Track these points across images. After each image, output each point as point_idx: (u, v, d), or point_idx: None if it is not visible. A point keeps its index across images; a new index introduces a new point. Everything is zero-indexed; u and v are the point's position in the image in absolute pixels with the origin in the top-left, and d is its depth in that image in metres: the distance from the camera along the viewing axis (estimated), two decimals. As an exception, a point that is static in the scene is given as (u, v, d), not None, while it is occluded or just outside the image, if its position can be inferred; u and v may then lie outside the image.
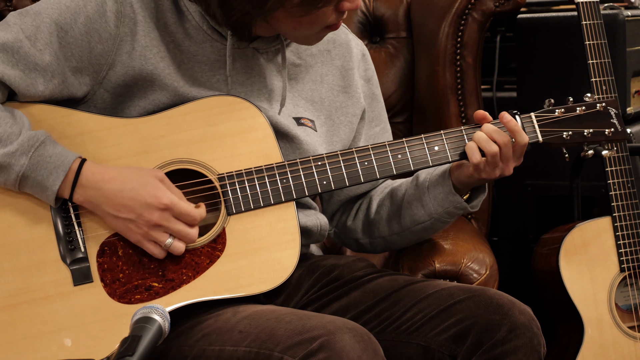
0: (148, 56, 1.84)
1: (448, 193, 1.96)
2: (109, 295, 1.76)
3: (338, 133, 2.02)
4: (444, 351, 1.81)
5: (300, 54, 2.00)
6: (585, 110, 1.96)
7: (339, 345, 1.62)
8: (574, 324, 2.45)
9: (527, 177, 2.85)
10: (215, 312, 1.78)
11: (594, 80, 2.43)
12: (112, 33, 1.82)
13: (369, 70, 2.10)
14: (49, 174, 1.74)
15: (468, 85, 2.56)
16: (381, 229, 2.08)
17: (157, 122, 1.83)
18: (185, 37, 1.87)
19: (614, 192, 2.44)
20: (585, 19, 2.45)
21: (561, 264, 2.43)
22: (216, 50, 1.88)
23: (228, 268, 1.79)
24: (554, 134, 1.95)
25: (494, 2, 2.53)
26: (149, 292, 1.77)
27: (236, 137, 1.84)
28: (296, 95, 1.98)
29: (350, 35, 2.08)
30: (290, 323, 1.68)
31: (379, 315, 1.88)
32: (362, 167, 1.89)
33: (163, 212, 1.75)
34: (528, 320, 1.79)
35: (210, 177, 1.82)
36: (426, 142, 1.91)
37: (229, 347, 1.71)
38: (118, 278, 1.77)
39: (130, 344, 1.49)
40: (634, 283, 2.47)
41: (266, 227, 1.82)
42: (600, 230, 2.46)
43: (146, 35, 1.84)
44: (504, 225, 2.94)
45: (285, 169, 1.84)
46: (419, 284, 1.90)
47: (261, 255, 1.81)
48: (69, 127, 1.81)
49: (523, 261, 2.76)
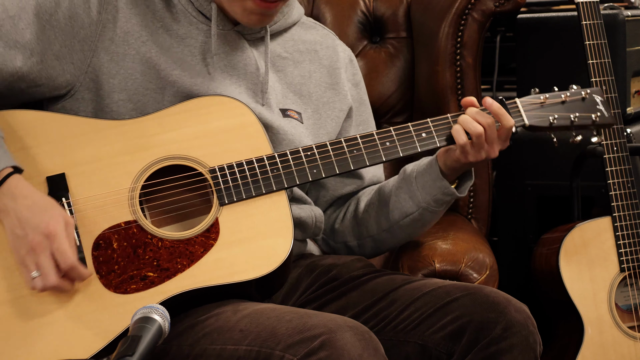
0: (130, 41, 1.88)
1: (436, 179, 1.98)
2: (104, 286, 1.77)
3: (325, 126, 2.05)
4: (440, 349, 1.81)
5: (287, 48, 2.04)
6: (569, 97, 1.99)
7: (340, 344, 1.62)
8: (573, 324, 2.45)
9: (527, 177, 2.85)
10: (215, 311, 1.79)
11: (594, 80, 2.44)
12: (94, 19, 1.86)
13: (357, 75, 2.15)
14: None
15: (468, 85, 2.56)
16: (370, 228, 2.09)
17: (148, 122, 1.85)
18: (173, 22, 1.91)
19: (614, 192, 2.44)
20: (585, 19, 2.45)
21: (561, 264, 2.43)
22: (202, 32, 1.93)
23: (222, 256, 1.80)
24: (540, 117, 1.96)
25: (494, 2, 2.53)
26: (144, 281, 1.78)
27: (227, 133, 1.86)
28: (285, 87, 2.01)
29: (337, 41, 2.14)
30: (291, 322, 1.68)
31: (377, 315, 1.88)
32: (351, 154, 1.90)
33: (45, 239, 1.71)
34: (524, 319, 1.79)
35: (201, 170, 1.83)
36: (413, 130, 1.93)
37: (230, 346, 1.71)
38: (113, 269, 1.77)
39: (130, 344, 1.49)
40: (634, 283, 2.47)
41: (259, 216, 1.83)
42: (600, 230, 2.46)
43: (127, 21, 1.88)
44: (504, 225, 2.94)
45: (276, 159, 1.86)
46: (415, 283, 1.91)
47: (254, 243, 1.81)
48: (59, 130, 1.83)
49: (523, 261, 2.76)
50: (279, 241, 1.82)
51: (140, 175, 1.82)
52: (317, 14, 2.66)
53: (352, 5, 2.68)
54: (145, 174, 1.82)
